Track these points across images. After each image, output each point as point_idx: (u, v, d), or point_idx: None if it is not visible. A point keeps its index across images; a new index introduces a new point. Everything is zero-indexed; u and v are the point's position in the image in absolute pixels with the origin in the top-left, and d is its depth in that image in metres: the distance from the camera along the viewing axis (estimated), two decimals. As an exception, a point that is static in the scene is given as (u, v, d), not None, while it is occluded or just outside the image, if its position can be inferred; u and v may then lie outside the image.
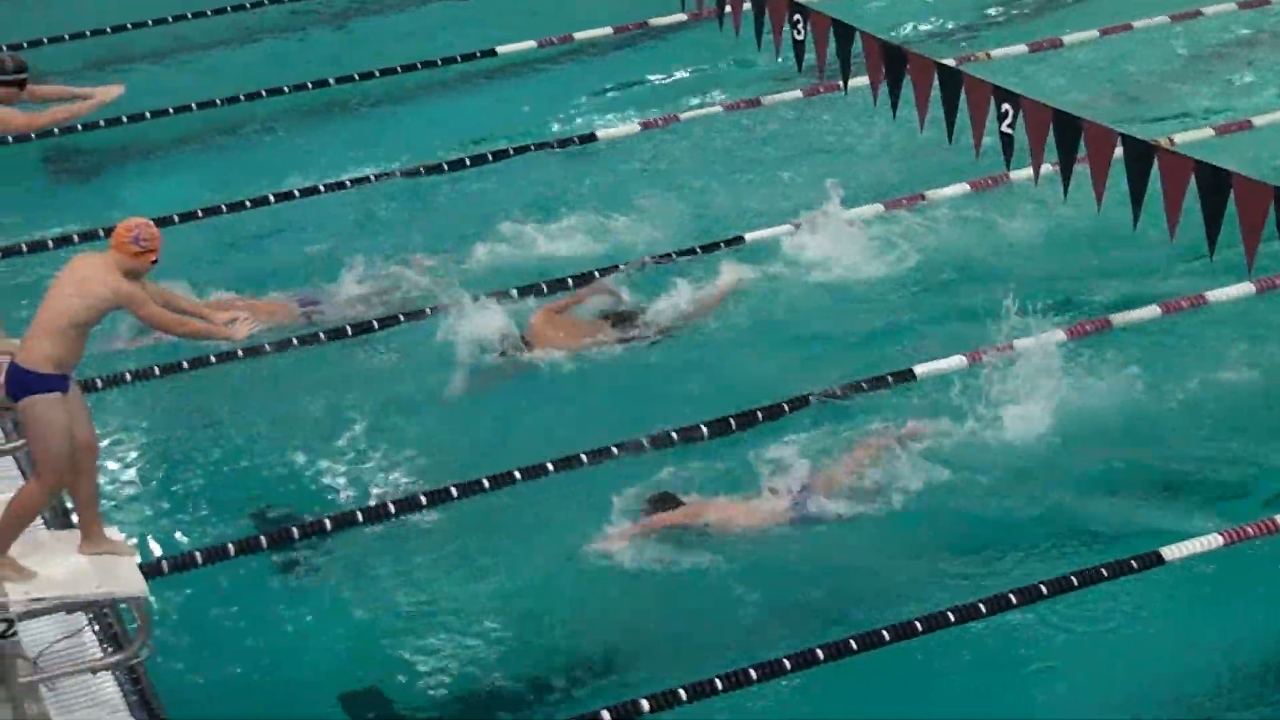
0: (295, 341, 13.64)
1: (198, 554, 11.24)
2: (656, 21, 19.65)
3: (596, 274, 14.58)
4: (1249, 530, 11.13)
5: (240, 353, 13.24)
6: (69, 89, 12.35)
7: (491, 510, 11.83)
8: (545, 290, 14.40)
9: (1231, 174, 10.69)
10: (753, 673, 9.99)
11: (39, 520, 10.73)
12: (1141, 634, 10.77)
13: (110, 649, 9.77)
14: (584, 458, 12.10)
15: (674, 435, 12.40)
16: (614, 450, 12.19)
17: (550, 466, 12.02)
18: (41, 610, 9.27)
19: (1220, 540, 11.07)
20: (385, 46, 19.28)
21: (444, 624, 10.94)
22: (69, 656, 9.70)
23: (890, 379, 13.08)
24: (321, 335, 13.74)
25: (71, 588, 9.28)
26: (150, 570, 10.55)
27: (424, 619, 11.00)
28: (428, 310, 14.03)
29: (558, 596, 11.06)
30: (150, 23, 19.90)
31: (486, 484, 11.88)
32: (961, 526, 11.70)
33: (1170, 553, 10.97)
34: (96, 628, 9.94)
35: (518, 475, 11.94)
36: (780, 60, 15.81)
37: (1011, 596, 10.65)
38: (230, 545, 11.33)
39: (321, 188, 16.21)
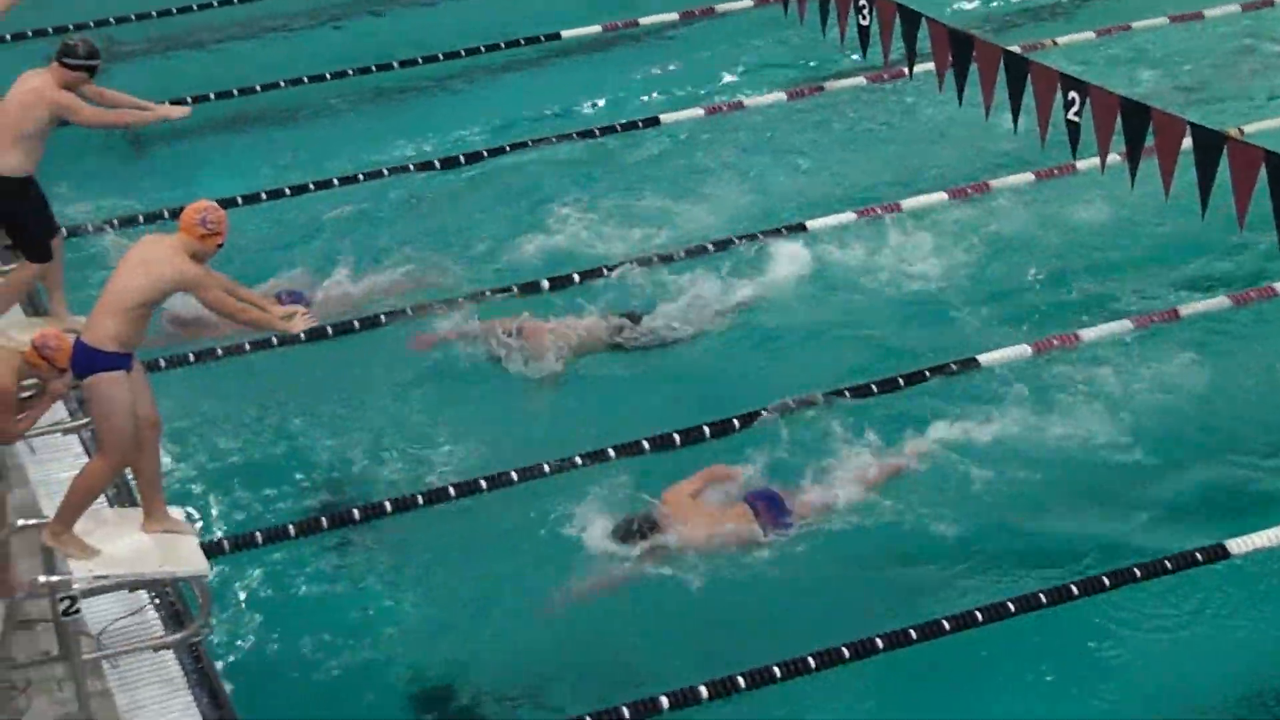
0: (356, 324, 13.67)
1: (258, 534, 11.29)
2: (722, 7, 19.64)
3: (655, 259, 14.55)
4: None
5: (303, 335, 13.28)
6: (136, 100, 12.33)
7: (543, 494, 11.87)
8: (606, 274, 14.38)
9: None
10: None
11: (101, 498, 10.84)
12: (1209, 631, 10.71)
13: (172, 627, 9.84)
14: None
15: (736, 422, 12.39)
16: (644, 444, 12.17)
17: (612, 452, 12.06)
18: (105, 588, 9.36)
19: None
20: (449, 30, 19.27)
21: (503, 605, 10.97)
22: (131, 634, 9.79)
23: (955, 367, 13.01)
24: (382, 318, 13.76)
25: (134, 565, 9.36)
26: (211, 549, 10.61)
27: (481, 600, 11.03)
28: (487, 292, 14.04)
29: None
30: (216, 3, 19.99)
31: (547, 468, 11.89)
32: (1031, 515, 11.69)
33: (1236, 546, 10.91)
34: (158, 605, 10.03)
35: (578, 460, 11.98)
36: (845, 46, 15.74)
37: (1073, 588, 10.64)
38: (291, 526, 11.38)
39: (385, 171, 16.23)
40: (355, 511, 11.54)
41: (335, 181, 16.04)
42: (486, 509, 11.72)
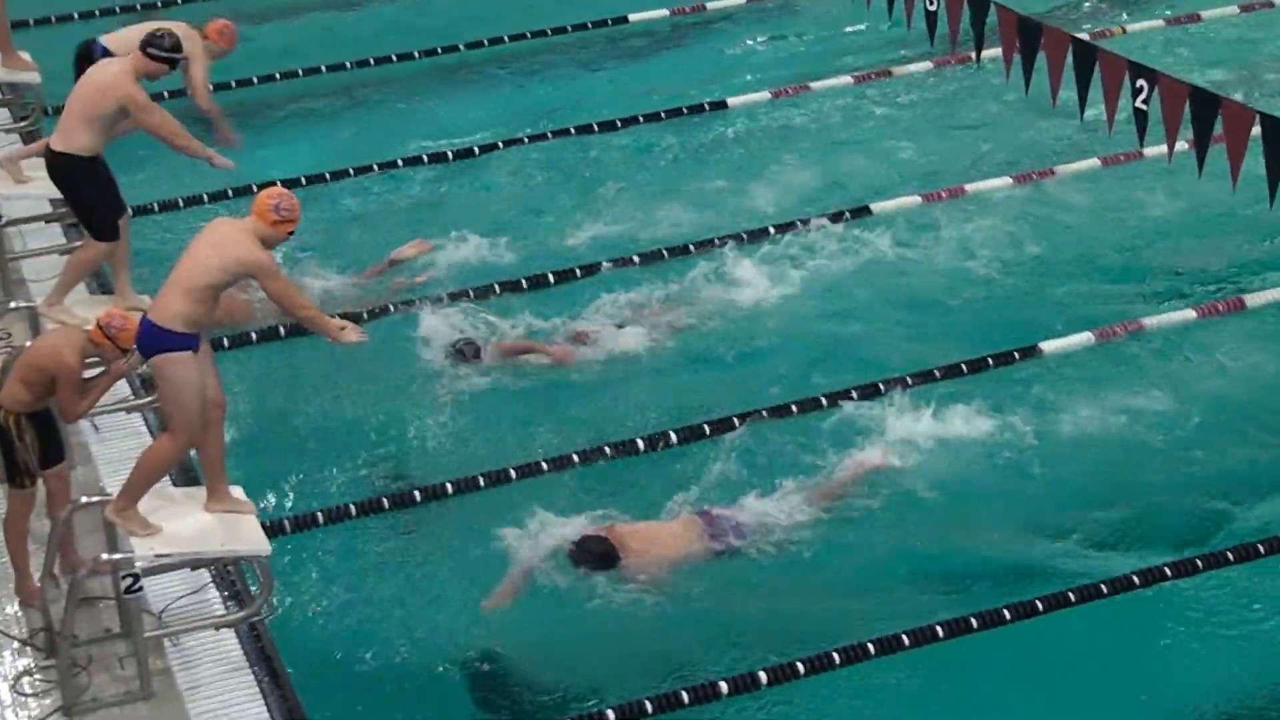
0: (420, 303, 13.71)
1: (319, 514, 11.35)
2: (792, -9, 19.66)
3: (716, 241, 14.51)
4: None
5: (365, 314, 13.36)
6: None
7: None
8: (665, 256, 14.38)
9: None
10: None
11: (165, 477, 10.93)
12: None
13: (233, 606, 9.91)
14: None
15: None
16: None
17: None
18: (167, 566, 9.42)
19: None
20: (516, 12, 19.28)
21: (562, 585, 10.97)
22: (192, 613, 9.86)
23: (1017, 355, 12.93)
24: (445, 297, 13.79)
25: (196, 544, 9.42)
26: (273, 529, 10.67)
27: (543, 581, 11.00)
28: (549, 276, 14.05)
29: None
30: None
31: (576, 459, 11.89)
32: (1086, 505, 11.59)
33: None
34: (220, 585, 10.10)
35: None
36: (912, 31, 15.66)
37: (1135, 578, 10.57)
38: (352, 506, 11.43)
39: (449, 154, 16.25)
40: (416, 493, 11.58)
41: (399, 163, 16.10)
42: (551, 490, 11.75)
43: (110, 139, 11.67)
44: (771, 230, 14.71)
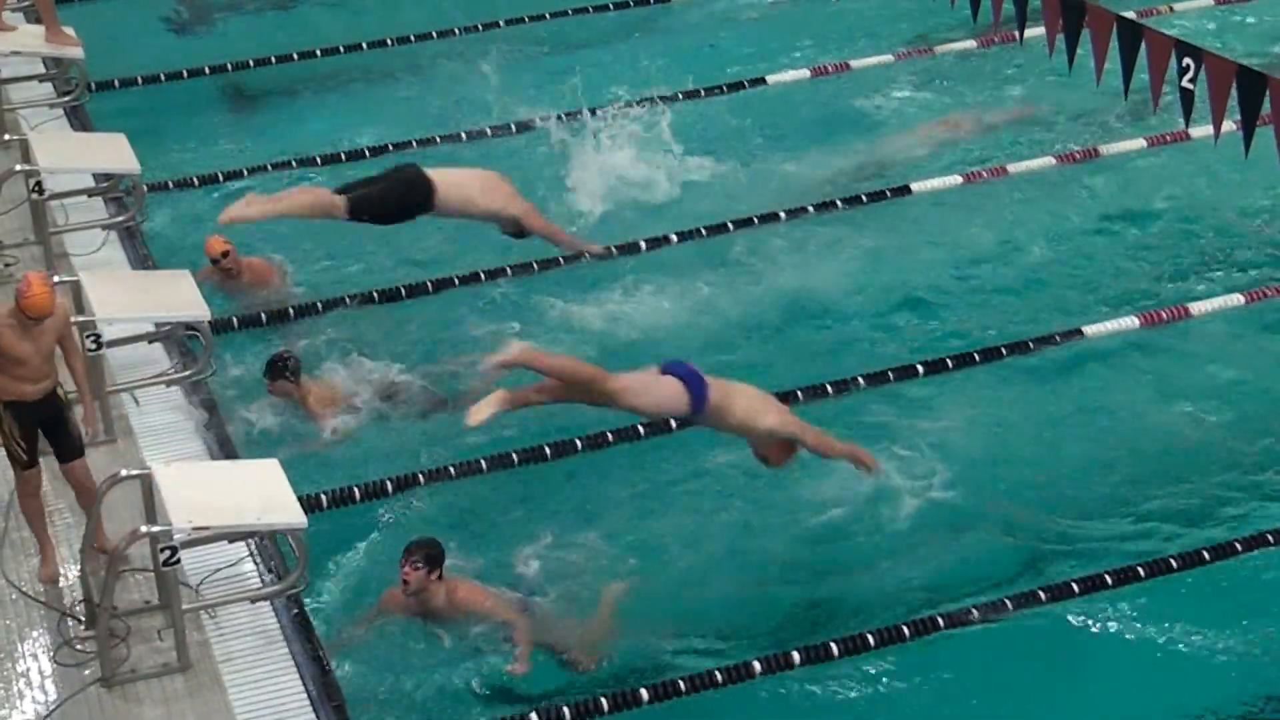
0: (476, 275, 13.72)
1: (356, 489, 11.36)
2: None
3: (755, 220, 14.46)
4: None
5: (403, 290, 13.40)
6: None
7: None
8: (704, 234, 14.33)
9: None
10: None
11: (204, 451, 10.99)
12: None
13: (269, 579, 9.93)
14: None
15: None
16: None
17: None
18: (204, 539, 9.43)
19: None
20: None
21: (590, 561, 10.96)
22: (229, 585, 9.89)
23: (1059, 338, 12.85)
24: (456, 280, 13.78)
25: (233, 517, 9.43)
26: (310, 504, 10.68)
27: (564, 557, 11.02)
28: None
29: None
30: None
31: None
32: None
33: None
34: (257, 558, 10.13)
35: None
36: (955, 8, 15.56)
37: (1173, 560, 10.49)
38: (388, 481, 11.43)
39: (488, 131, 16.20)
40: (451, 469, 11.57)
41: (436, 139, 16.06)
42: (590, 467, 11.75)
43: None
44: (810, 209, 14.64)
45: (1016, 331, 13.00)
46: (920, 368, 12.53)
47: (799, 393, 12.09)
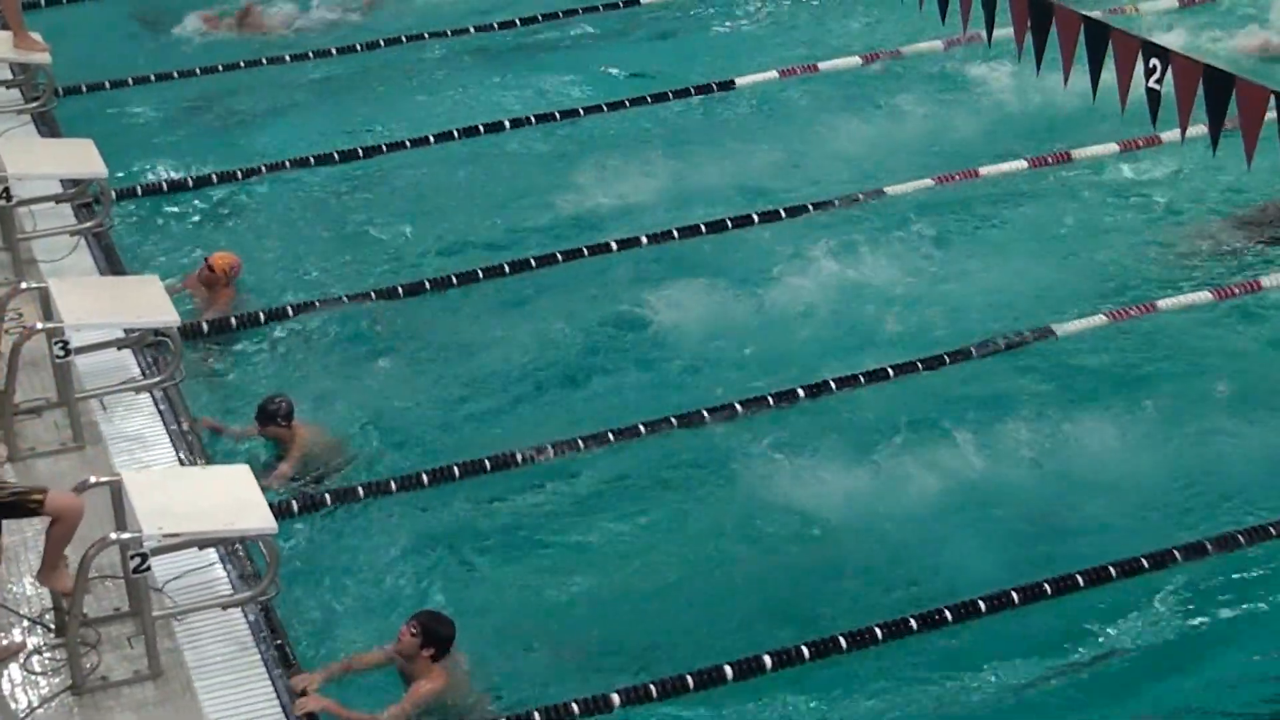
0: (427, 285, 13.71)
1: (328, 495, 11.34)
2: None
3: (729, 223, 14.44)
4: None
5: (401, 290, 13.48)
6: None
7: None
8: (677, 236, 14.30)
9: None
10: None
11: (173, 457, 10.93)
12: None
13: (241, 586, 9.90)
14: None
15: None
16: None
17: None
18: (174, 545, 9.40)
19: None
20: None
21: (575, 571, 10.99)
22: (200, 592, 9.85)
23: (1031, 335, 12.91)
24: (454, 279, 13.78)
25: (204, 523, 9.39)
26: (281, 510, 10.65)
27: (556, 561, 11.07)
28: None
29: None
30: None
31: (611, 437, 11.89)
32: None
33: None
34: (228, 564, 10.09)
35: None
36: (922, 11, 15.58)
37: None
38: (359, 487, 11.41)
39: (455, 133, 16.22)
40: (424, 476, 11.55)
41: (407, 143, 16.08)
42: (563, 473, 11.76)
43: None
44: (782, 213, 14.66)
45: (987, 330, 13.06)
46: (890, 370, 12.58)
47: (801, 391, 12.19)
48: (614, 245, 14.20)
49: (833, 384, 12.42)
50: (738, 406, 12.16)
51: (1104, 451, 11.81)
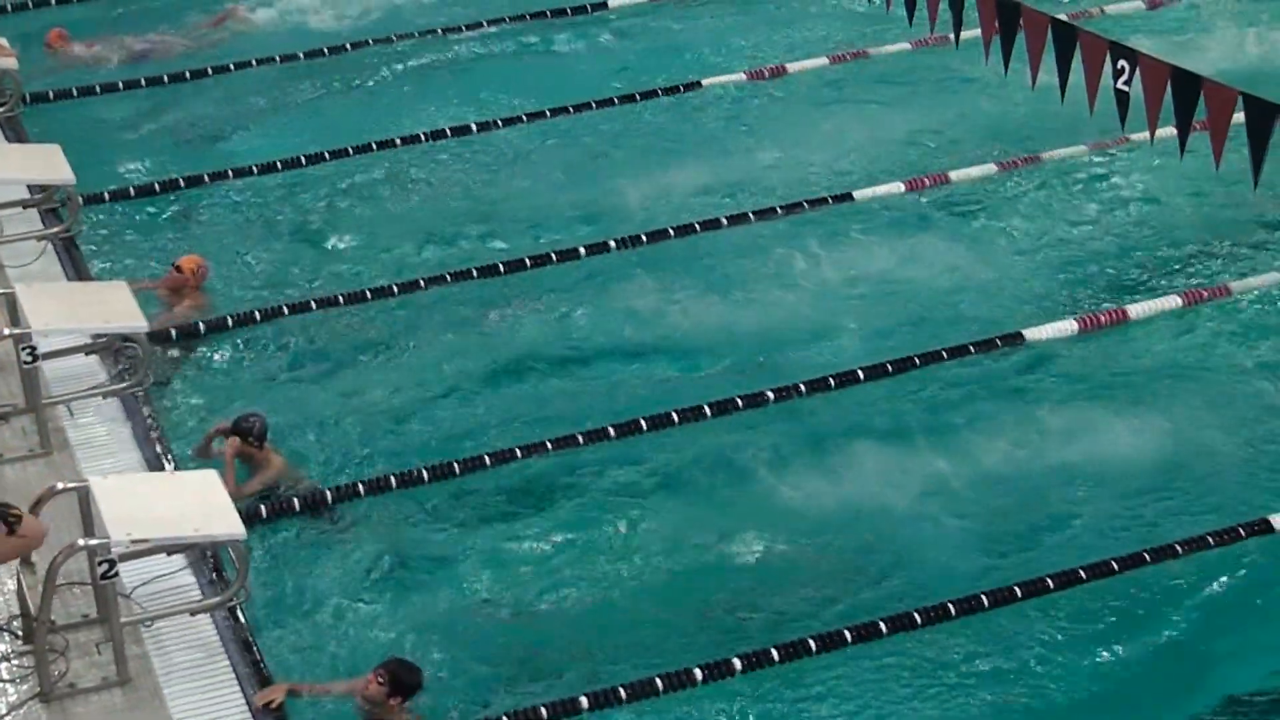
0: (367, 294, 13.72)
1: (295, 500, 11.29)
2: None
3: (697, 226, 14.44)
4: None
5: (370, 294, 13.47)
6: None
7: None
8: (645, 241, 14.32)
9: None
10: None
11: (141, 462, 10.88)
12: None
13: (209, 592, 9.85)
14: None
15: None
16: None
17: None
18: (142, 551, 9.34)
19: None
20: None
21: (528, 578, 10.97)
22: (169, 598, 9.80)
23: (999, 342, 12.92)
24: (423, 282, 13.75)
25: (172, 529, 9.34)
26: (249, 515, 10.60)
27: (516, 570, 11.02)
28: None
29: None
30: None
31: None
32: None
33: (1280, 521, 10.87)
34: (196, 570, 10.04)
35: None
36: (890, 11, 15.62)
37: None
38: (328, 492, 11.37)
39: (422, 135, 16.21)
40: (392, 479, 11.51)
41: (349, 150, 16.04)
42: (523, 479, 11.72)
43: None
44: (751, 217, 14.66)
45: (960, 336, 13.07)
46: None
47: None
48: (553, 257, 14.18)
49: (802, 387, 12.43)
50: (706, 410, 12.16)
51: (1074, 455, 11.85)
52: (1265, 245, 14.17)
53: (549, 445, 11.82)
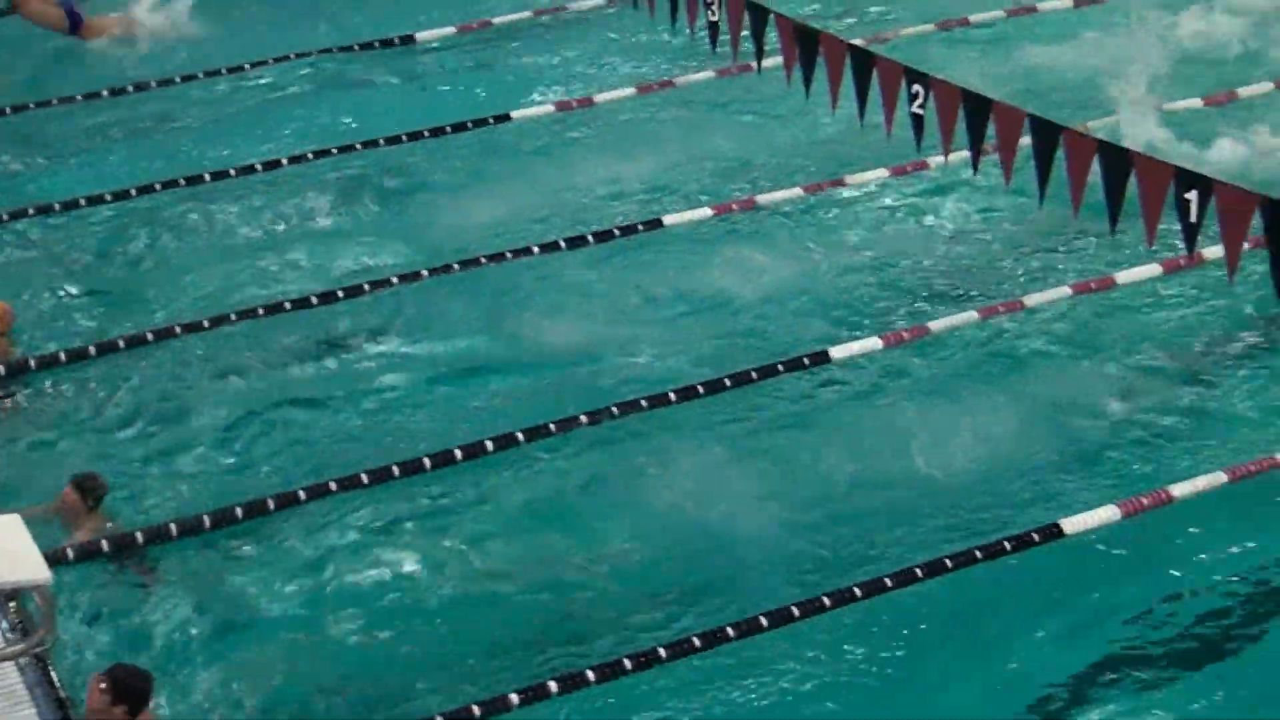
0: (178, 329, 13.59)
1: (104, 542, 11.12)
2: (575, 5, 19.76)
3: (508, 254, 14.51)
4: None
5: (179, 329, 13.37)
6: None
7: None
8: (458, 269, 14.36)
9: (1133, 153, 10.77)
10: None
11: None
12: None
13: (13, 638, 9.66)
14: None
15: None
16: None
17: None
18: (-59, 599, 9.16)
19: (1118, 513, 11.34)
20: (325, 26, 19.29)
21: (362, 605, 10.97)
22: (-32, 646, 9.61)
23: (807, 361, 13.12)
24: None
25: (-31, 575, 9.16)
26: (55, 558, 10.41)
27: (338, 602, 10.99)
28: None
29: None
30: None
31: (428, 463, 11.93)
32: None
33: (1070, 525, 11.23)
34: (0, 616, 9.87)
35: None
36: (694, 40, 15.81)
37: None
38: (139, 533, 11.21)
39: (232, 171, 16.07)
40: (238, 510, 11.43)
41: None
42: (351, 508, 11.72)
43: None
44: (562, 244, 14.75)
45: (769, 355, 13.27)
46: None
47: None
48: (365, 288, 14.20)
49: (614, 409, 12.54)
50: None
51: (883, 465, 12.16)
52: (1054, 261, 14.58)
53: (364, 478, 11.81)
